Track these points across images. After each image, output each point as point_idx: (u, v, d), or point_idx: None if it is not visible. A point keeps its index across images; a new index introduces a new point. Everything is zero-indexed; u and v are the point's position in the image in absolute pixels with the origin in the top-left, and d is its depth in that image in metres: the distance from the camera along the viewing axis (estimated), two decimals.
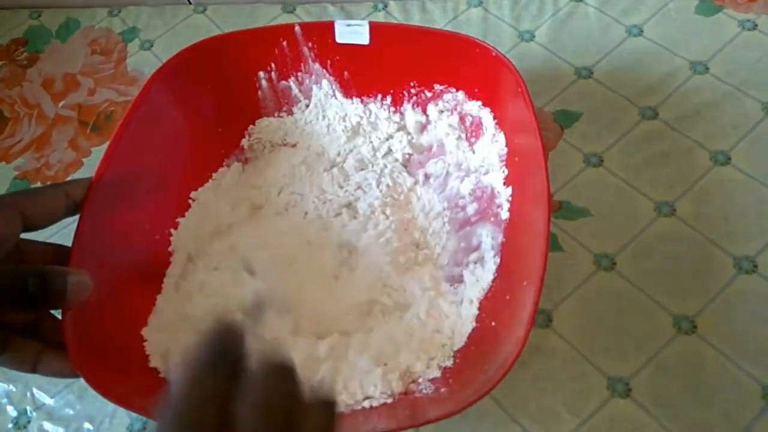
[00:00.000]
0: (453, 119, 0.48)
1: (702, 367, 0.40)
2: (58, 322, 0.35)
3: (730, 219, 0.45)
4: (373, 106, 0.50)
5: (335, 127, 0.50)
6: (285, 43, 0.49)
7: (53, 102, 0.60)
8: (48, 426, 0.44)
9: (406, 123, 0.50)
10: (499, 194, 0.44)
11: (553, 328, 0.43)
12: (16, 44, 0.65)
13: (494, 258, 0.42)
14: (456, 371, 0.39)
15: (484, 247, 0.43)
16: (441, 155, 0.49)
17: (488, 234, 0.43)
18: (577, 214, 0.47)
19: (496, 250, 0.42)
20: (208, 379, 0.23)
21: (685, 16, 0.55)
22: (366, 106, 0.50)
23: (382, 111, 0.50)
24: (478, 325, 0.40)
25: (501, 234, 0.42)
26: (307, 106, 0.51)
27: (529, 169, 0.41)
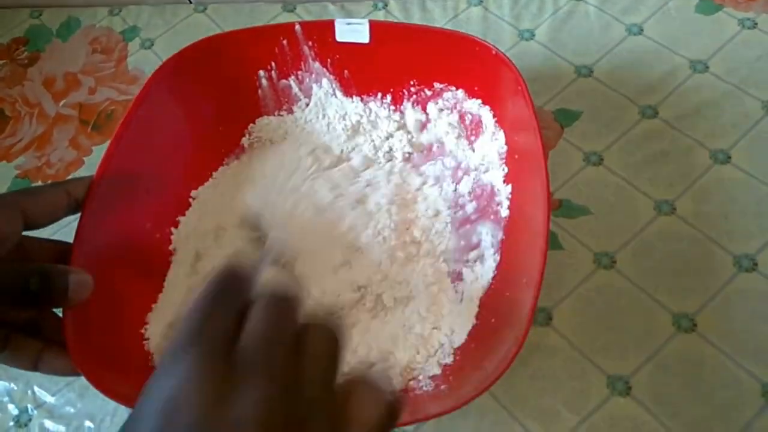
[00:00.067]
0: (453, 117, 0.48)
1: (702, 366, 0.40)
2: (60, 321, 0.35)
3: (730, 217, 0.45)
4: (373, 105, 0.50)
5: (335, 126, 0.50)
6: (285, 42, 0.49)
7: (54, 101, 0.60)
8: (49, 424, 0.44)
9: (406, 121, 0.50)
10: (498, 192, 0.44)
11: (553, 326, 0.43)
12: (17, 43, 0.65)
13: (494, 256, 0.42)
14: (456, 368, 0.39)
15: (484, 244, 0.43)
16: (441, 154, 0.49)
17: (488, 232, 0.43)
18: (577, 213, 0.47)
19: (496, 247, 0.42)
20: (215, 312, 0.23)
21: (685, 14, 0.55)
22: (366, 105, 0.50)
23: (382, 109, 0.50)
24: (478, 322, 0.40)
25: (501, 232, 0.42)
26: (307, 104, 0.51)
27: (529, 168, 0.41)
